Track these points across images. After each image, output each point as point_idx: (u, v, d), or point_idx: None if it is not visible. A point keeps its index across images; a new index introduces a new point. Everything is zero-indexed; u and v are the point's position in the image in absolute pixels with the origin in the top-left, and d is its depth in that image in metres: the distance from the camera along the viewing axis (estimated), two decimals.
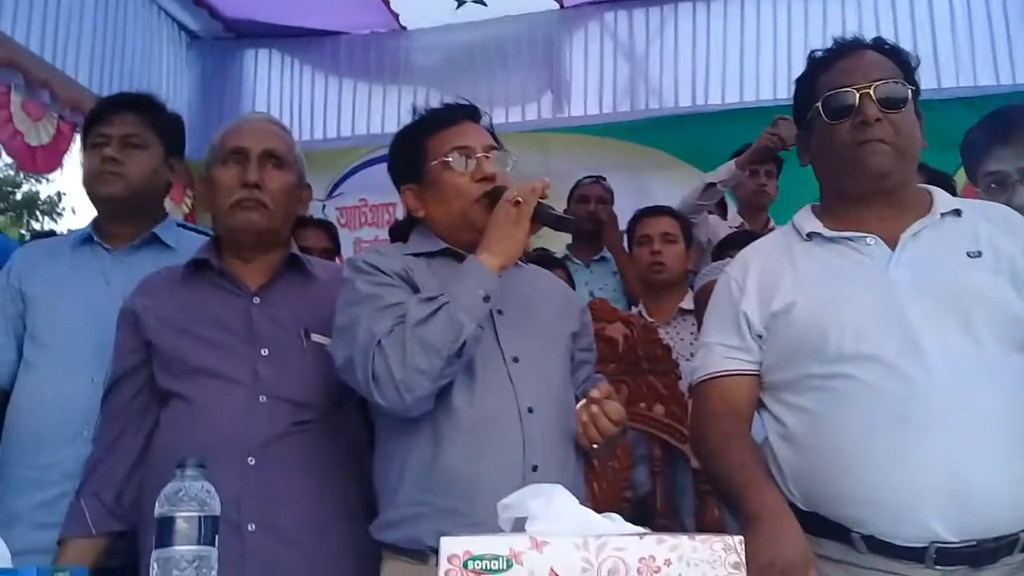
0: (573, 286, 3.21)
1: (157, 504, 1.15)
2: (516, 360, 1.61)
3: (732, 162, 3.44)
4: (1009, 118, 3.51)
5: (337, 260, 3.43)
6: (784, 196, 3.61)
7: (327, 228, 3.37)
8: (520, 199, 1.52)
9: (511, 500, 1.09)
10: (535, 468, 1.53)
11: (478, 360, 1.57)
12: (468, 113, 1.75)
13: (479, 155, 1.66)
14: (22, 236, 11.37)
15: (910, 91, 1.53)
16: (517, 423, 1.56)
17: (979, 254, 1.48)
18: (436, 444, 1.55)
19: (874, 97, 1.50)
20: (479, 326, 1.50)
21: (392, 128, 5.06)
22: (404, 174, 1.75)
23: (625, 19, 5.01)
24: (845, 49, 1.59)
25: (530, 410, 1.57)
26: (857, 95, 1.51)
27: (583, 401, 1.56)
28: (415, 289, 1.60)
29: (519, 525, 1.05)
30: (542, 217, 1.55)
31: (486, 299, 1.51)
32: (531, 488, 1.10)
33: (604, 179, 3.93)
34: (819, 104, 1.56)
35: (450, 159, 1.65)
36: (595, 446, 1.55)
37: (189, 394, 1.71)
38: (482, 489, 1.49)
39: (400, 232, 1.84)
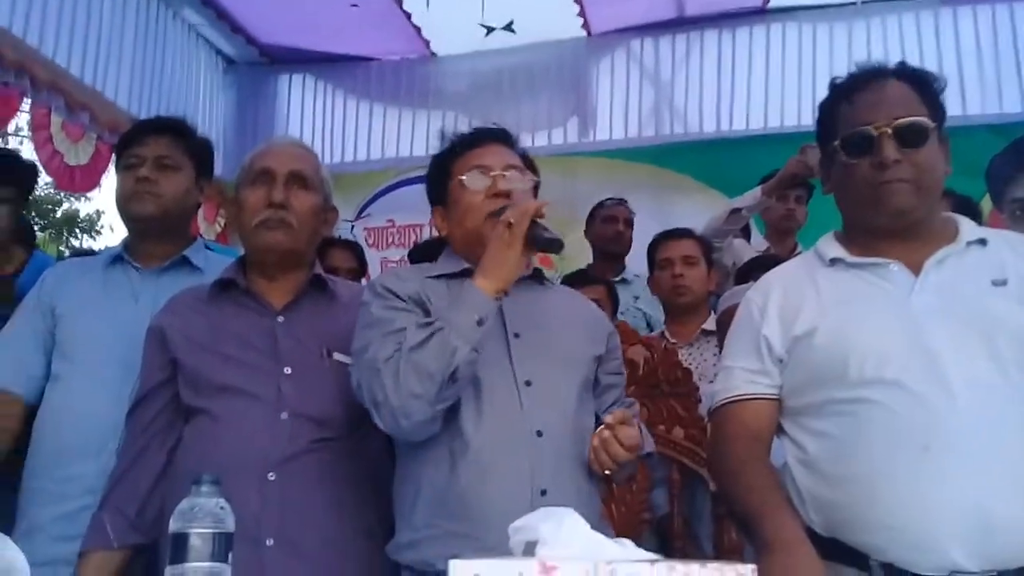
0: (616, 303, 3.19)
1: (172, 520, 1.17)
2: (528, 383, 1.60)
3: (758, 188, 3.43)
4: None
5: (364, 280, 3.47)
6: (813, 221, 3.59)
7: (353, 249, 3.41)
8: (512, 221, 1.51)
9: (522, 523, 1.08)
10: (544, 492, 1.52)
11: (488, 383, 1.57)
12: (495, 135, 1.77)
13: (496, 173, 1.67)
14: (61, 253, 11.59)
15: (931, 125, 1.51)
16: (525, 447, 1.55)
17: (1004, 282, 1.47)
18: (448, 467, 1.56)
19: (893, 135, 1.49)
20: (474, 350, 1.50)
21: (420, 152, 5.21)
22: (434, 195, 1.79)
23: (651, 46, 5.06)
24: (866, 79, 1.56)
25: (539, 434, 1.56)
26: (876, 134, 1.50)
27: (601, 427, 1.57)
28: (427, 313, 1.61)
29: (530, 549, 1.05)
30: (532, 239, 1.52)
31: (480, 323, 1.50)
32: (542, 511, 1.09)
33: (626, 201, 3.95)
34: (839, 141, 1.56)
35: (465, 177, 1.68)
36: (607, 472, 1.54)
37: (213, 410, 1.73)
38: (491, 513, 1.49)
39: (420, 254, 1.87)
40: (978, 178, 2.89)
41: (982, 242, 1.53)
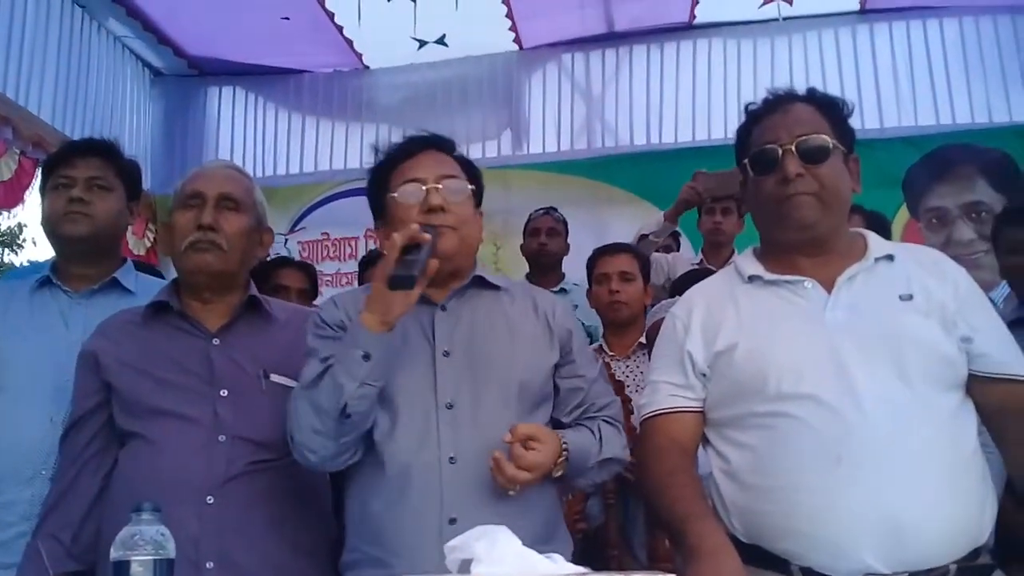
0: None
1: (112, 548, 1.17)
2: (450, 406, 1.57)
3: (662, 214, 3.55)
4: (948, 157, 3.66)
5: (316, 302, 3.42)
6: (752, 231, 3.70)
7: (306, 269, 3.33)
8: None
9: (458, 542, 1.12)
10: (453, 521, 1.48)
11: (408, 407, 1.57)
12: (428, 143, 1.72)
13: (430, 185, 1.62)
14: None
15: (832, 143, 1.59)
16: (436, 473, 1.53)
17: (911, 297, 1.54)
18: (366, 491, 1.58)
19: (796, 152, 1.57)
20: (367, 385, 1.49)
21: (354, 164, 5.19)
22: (374, 210, 1.75)
23: (582, 61, 5.17)
24: (775, 103, 1.65)
25: (451, 460, 1.54)
26: (780, 151, 1.58)
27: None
28: None
29: (465, 567, 1.09)
30: (388, 279, 1.48)
31: (366, 357, 1.48)
32: (478, 529, 1.13)
33: (555, 210, 4.02)
34: (748, 160, 1.64)
35: (398, 193, 1.64)
36: (510, 493, 1.49)
37: (148, 434, 1.72)
38: (401, 540, 1.51)
39: (370, 265, 1.85)
40: (895, 189, 3.02)
41: (889, 258, 1.61)
